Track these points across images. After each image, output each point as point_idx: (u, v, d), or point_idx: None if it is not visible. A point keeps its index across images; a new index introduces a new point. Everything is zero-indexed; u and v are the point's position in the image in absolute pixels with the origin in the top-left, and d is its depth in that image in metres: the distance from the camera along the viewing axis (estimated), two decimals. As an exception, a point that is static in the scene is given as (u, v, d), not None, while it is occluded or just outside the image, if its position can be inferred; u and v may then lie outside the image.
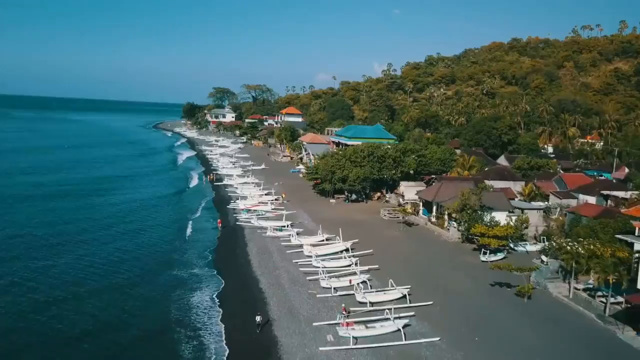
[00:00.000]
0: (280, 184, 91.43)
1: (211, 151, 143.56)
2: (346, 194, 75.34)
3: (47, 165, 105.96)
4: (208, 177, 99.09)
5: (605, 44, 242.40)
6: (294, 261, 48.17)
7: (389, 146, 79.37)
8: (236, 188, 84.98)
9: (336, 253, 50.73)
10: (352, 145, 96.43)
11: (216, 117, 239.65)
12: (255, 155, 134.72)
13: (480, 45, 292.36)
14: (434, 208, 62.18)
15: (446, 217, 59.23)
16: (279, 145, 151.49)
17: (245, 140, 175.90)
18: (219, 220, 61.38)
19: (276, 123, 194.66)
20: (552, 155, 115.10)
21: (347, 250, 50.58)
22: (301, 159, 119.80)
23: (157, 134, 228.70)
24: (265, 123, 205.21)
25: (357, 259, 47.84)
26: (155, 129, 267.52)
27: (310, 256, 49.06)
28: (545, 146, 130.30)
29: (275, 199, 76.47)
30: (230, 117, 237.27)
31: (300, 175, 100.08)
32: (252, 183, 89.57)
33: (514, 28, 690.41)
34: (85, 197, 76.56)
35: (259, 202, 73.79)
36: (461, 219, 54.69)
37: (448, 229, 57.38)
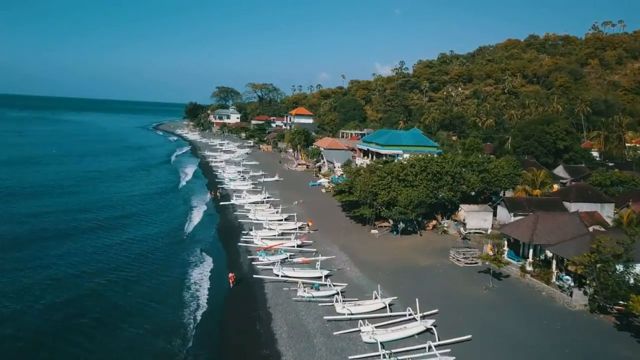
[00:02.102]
0: (301, 202, 72.34)
1: (215, 158, 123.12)
2: (392, 222, 56.07)
3: (24, 183, 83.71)
4: (212, 193, 79.57)
5: (630, 40, 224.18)
6: (350, 358, 29.13)
7: (439, 157, 60.04)
8: (247, 210, 65.74)
9: (412, 337, 31.85)
10: (387, 154, 77.58)
11: (220, 117, 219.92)
12: (265, 163, 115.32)
13: (485, 43, 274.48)
14: (530, 251, 43.09)
15: (554, 268, 40.21)
16: (290, 151, 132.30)
17: (252, 144, 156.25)
18: (230, 275, 41.71)
19: (285, 125, 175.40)
20: (611, 164, 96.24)
21: (429, 331, 31.75)
22: (319, 168, 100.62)
23: (157, 138, 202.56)
24: (273, 124, 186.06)
25: (449, 352, 29.04)
26: (156, 130, 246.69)
27: (374, 342, 30.34)
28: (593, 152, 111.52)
29: (299, 227, 57.51)
30: (235, 118, 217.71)
31: (323, 190, 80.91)
32: (268, 203, 70.38)
33: (521, 26, 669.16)
34: (58, 243, 51.59)
35: (280, 234, 54.69)
36: (590, 275, 35.70)
37: (562, 288, 38.24)
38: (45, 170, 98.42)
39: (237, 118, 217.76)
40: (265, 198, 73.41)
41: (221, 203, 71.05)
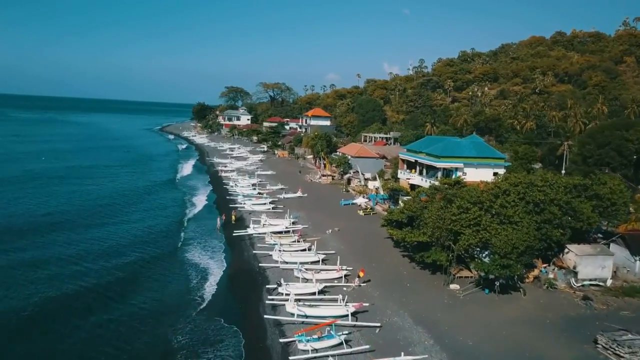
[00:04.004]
0: (337, 230, 55.26)
1: (225, 166, 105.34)
2: (478, 274, 38.68)
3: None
4: (223, 216, 62.10)
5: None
6: None
7: (538, 180, 42.42)
8: (271, 245, 48.58)
9: None
10: (443, 167, 60.29)
11: (229, 119, 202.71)
12: (282, 172, 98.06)
13: (494, 42, 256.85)
14: None
15: None
16: (309, 157, 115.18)
17: (265, 149, 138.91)
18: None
19: (300, 127, 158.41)
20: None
21: None
22: (349, 180, 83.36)
23: (164, 144, 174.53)
24: (287, 127, 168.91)
25: None
26: (162, 133, 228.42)
27: None
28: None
29: (345, 276, 40.46)
30: (245, 120, 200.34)
31: (360, 212, 63.62)
32: (295, 232, 53.12)
33: (530, 24, 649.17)
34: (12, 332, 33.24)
35: (321, 291, 37.52)
36: None
37: None
38: (22, 190, 75.86)
39: (248, 119, 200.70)
40: (290, 224, 56.46)
41: (235, 233, 53.61)
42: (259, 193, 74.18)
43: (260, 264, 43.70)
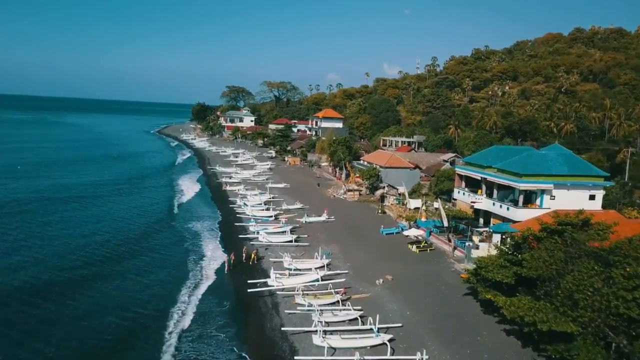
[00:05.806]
0: (389, 279, 39.31)
1: (230, 177, 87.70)
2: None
3: None
4: (232, 257, 44.03)
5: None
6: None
7: None
8: (308, 310, 32.60)
9: None
10: (527, 189, 44.19)
11: (231, 120, 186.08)
12: (297, 185, 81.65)
13: (492, 42, 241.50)
14: None
15: None
16: (324, 164, 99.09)
17: (273, 155, 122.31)
18: None
19: (310, 129, 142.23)
20: None
21: None
22: (382, 198, 67.21)
23: (162, 153, 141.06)
24: (294, 129, 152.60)
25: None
26: (161, 135, 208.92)
27: None
28: None
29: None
30: (248, 121, 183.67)
31: (414, 249, 47.33)
32: (335, 288, 36.87)
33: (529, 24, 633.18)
34: None
35: None
36: None
37: None
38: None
39: (251, 121, 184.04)
40: (324, 269, 40.48)
41: (250, 289, 37.12)
42: (276, 217, 57.73)
43: (296, 357, 27.45)
